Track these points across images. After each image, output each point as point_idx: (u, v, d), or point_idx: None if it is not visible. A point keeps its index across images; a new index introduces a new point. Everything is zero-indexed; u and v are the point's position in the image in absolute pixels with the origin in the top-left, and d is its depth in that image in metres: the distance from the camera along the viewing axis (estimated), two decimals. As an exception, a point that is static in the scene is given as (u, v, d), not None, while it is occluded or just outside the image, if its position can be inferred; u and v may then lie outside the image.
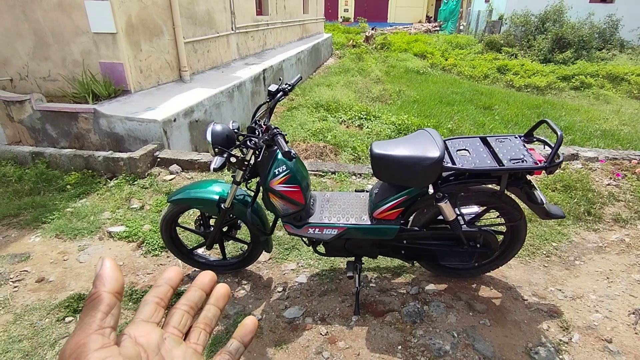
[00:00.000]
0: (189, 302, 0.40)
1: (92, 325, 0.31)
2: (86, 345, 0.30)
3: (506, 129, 5.68)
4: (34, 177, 3.46)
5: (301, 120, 5.60)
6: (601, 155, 3.69)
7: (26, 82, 4.47)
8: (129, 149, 3.83)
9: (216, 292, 0.43)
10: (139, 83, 4.50)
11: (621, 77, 8.81)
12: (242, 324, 0.43)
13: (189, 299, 0.41)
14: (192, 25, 5.42)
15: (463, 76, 9.91)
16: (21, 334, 2.01)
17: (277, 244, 2.68)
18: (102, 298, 0.32)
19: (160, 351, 0.35)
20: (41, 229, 2.90)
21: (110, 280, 0.33)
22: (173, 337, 0.37)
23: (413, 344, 1.96)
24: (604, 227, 2.93)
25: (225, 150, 1.84)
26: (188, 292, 0.41)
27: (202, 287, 0.42)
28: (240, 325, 0.43)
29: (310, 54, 9.75)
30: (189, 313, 0.40)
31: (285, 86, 2.01)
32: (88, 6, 3.99)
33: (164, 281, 0.39)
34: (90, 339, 0.30)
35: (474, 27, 17.02)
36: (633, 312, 2.14)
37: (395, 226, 2.02)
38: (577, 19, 11.72)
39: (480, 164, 1.86)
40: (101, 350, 0.30)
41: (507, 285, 2.36)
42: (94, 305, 0.32)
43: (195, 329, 0.40)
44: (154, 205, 3.15)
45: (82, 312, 0.32)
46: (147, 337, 0.34)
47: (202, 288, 0.42)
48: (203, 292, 0.42)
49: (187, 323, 0.39)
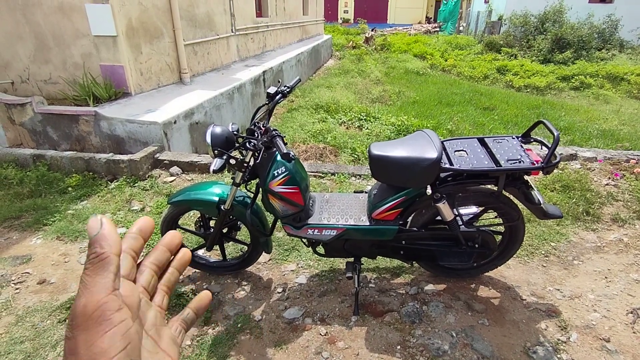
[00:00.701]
0: (157, 261, 0.40)
1: (107, 285, 0.31)
2: (108, 304, 0.31)
3: (506, 130, 5.69)
4: (35, 180, 3.48)
5: (301, 122, 5.62)
6: (600, 155, 3.70)
7: (27, 85, 4.49)
8: (129, 151, 3.85)
9: (180, 256, 0.44)
10: (139, 85, 4.52)
11: (621, 77, 8.82)
12: (199, 297, 0.45)
13: (157, 258, 0.40)
14: (192, 28, 5.45)
15: (463, 77, 9.92)
16: (23, 336, 2.02)
17: (277, 245, 2.70)
18: (111, 260, 0.32)
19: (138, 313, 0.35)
20: (42, 231, 2.92)
21: (113, 243, 0.33)
22: (145, 299, 0.37)
23: (412, 344, 1.97)
24: (602, 227, 2.94)
25: (224, 152, 1.85)
26: (156, 250, 0.41)
27: (170, 247, 0.42)
28: (196, 298, 0.45)
29: (310, 55, 9.77)
30: (155, 272, 0.40)
31: (284, 88, 2.03)
32: (89, 9, 4.01)
33: (136, 232, 0.38)
34: (110, 299, 0.31)
35: (473, 27, 17.04)
36: (631, 312, 2.15)
37: (394, 227, 2.04)
38: (577, 19, 11.74)
39: (477, 165, 1.87)
40: (121, 311, 0.31)
41: (506, 285, 2.37)
42: (103, 266, 0.32)
43: (159, 291, 0.40)
44: (154, 207, 3.17)
45: (91, 270, 0.32)
46: (131, 297, 0.34)
47: (169, 249, 0.42)
48: (170, 253, 0.42)
49: (154, 284, 0.40)
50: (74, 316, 0.30)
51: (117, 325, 0.30)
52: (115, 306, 0.31)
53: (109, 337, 0.30)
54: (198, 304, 0.44)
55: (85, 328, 0.30)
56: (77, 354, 0.29)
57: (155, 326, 0.37)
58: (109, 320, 0.30)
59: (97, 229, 0.33)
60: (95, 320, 0.30)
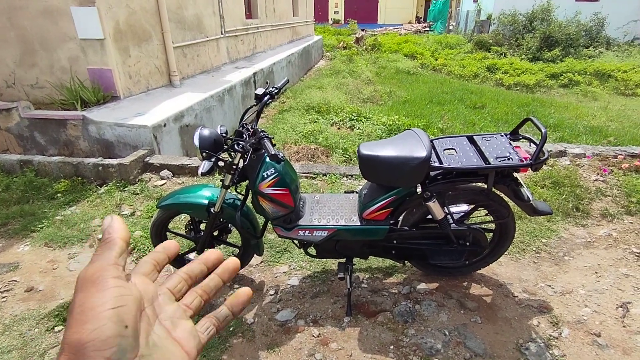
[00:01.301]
0: (189, 271, 0.41)
1: (109, 259, 0.34)
2: (107, 270, 0.33)
3: (496, 127, 5.73)
4: (22, 186, 3.43)
5: (292, 123, 5.61)
6: (588, 152, 3.74)
7: (13, 90, 4.42)
8: (119, 155, 3.81)
9: (225, 264, 0.43)
10: (128, 89, 4.48)
11: (608, 74, 8.92)
12: (236, 294, 0.43)
13: (189, 269, 0.42)
14: (181, 30, 5.41)
15: (453, 76, 9.98)
16: (10, 345, 1.98)
17: (268, 247, 2.68)
18: (115, 241, 0.35)
19: (153, 303, 0.36)
20: (30, 237, 2.87)
21: (120, 231, 0.36)
22: (167, 295, 0.38)
23: (405, 344, 1.97)
24: (592, 222, 2.96)
25: (213, 155, 1.83)
26: (190, 264, 0.42)
27: (206, 262, 0.42)
28: (233, 295, 0.43)
29: (300, 56, 9.76)
30: (186, 281, 0.41)
31: (272, 90, 2.02)
32: (74, 12, 3.97)
33: (161, 249, 0.41)
34: (110, 268, 0.33)
35: (463, 27, 17.15)
36: (621, 306, 2.17)
37: (385, 226, 2.03)
38: (565, 17, 11.87)
39: (467, 163, 1.88)
40: (117, 279, 0.33)
41: (498, 283, 2.38)
42: (108, 246, 0.35)
43: (191, 293, 0.40)
44: (145, 211, 3.13)
45: (99, 249, 0.35)
46: (145, 287, 0.36)
47: (205, 263, 0.42)
48: (205, 267, 0.42)
49: (182, 289, 0.40)
50: (77, 282, 0.33)
51: (111, 287, 0.32)
52: (114, 273, 0.33)
53: (100, 295, 0.31)
54: (235, 301, 0.42)
55: (82, 289, 0.32)
56: (72, 310, 0.31)
57: (173, 318, 0.37)
58: (103, 282, 0.32)
59: (108, 222, 0.37)
60: (92, 282, 0.32)
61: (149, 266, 0.38)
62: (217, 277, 0.42)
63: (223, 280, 0.43)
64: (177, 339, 0.36)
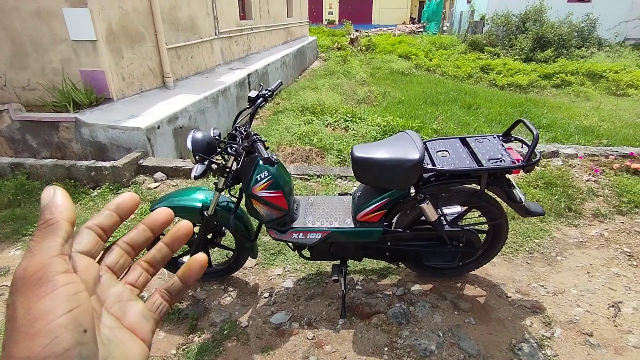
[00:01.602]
0: (131, 241, 0.36)
1: (53, 249, 0.28)
2: (51, 265, 0.27)
3: (490, 128, 5.76)
4: (14, 189, 3.39)
5: (287, 124, 5.60)
6: (580, 152, 3.77)
7: (4, 92, 4.38)
8: (112, 158, 3.78)
9: (175, 230, 0.37)
10: (121, 90, 4.45)
11: (599, 74, 9.02)
12: (188, 264, 0.37)
13: (131, 237, 0.36)
14: (174, 31, 5.39)
15: (447, 76, 10.03)
16: (1, 351, 1.96)
17: (263, 250, 2.68)
18: (60, 225, 0.29)
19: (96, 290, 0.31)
20: (22, 241, 2.84)
21: (65, 210, 0.30)
22: (109, 275, 0.33)
23: (399, 345, 1.97)
24: (584, 222, 2.99)
25: (206, 158, 1.83)
26: (133, 230, 0.36)
27: (152, 227, 0.37)
28: (185, 264, 0.38)
29: (295, 57, 9.76)
30: (128, 254, 0.36)
31: (265, 92, 2.01)
32: (66, 14, 3.94)
33: (112, 208, 0.34)
34: (55, 261, 0.28)
35: (456, 27, 17.25)
36: (612, 305, 2.19)
37: (379, 228, 2.04)
38: (557, 18, 11.99)
39: (459, 165, 1.89)
40: (66, 274, 0.28)
41: (491, 283, 2.39)
42: (52, 231, 0.29)
43: (136, 268, 0.36)
44: (138, 214, 3.11)
45: (37, 235, 0.29)
46: (86, 272, 0.31)
47: (151, 228, 0.37)
48: (151, 233, 0.37)
49: (124, 264, 0.35)
50: (13, 280, 0.27)
51: (62, 287, 0.27)
52: (61, 268, 0.28)
53: (50, 299, 0.26)
54: (187, 272, 0.37)
55: (23, 291, 0.26)
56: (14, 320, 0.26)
57: (120, 302, 0.33)
58: (51, 282, 0.27)
59: (49, 197, 0.30)
60: (35, 283, 0.26)
61: (90, 240, 0.32)
62: (165, 248, 0.37)
63: (171, 248, 0.38)
64: (129, 327, 0.32)
